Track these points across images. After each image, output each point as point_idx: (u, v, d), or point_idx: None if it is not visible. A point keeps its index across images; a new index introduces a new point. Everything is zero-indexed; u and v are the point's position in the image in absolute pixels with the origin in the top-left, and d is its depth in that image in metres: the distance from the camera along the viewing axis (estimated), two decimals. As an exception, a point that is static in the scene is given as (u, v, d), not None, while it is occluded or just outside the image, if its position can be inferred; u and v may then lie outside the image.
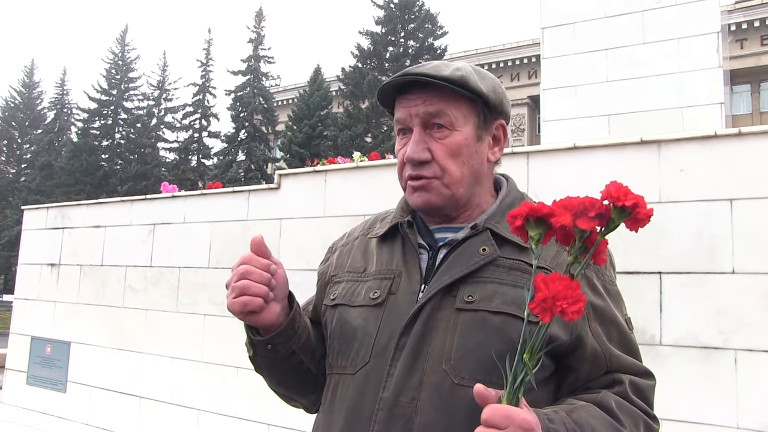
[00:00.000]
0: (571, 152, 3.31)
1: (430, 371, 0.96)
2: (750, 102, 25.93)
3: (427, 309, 1.00)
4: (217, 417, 4.44)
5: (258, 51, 33.74)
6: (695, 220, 2.91)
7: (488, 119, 1.10)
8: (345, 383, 1.05)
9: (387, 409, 0.97)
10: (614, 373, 1.01)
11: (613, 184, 0.75)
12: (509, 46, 30.77)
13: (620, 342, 1.04)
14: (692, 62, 4.80)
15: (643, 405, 1.00)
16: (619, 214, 0.74)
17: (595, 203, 0.74)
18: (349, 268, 1.17)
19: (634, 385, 1.00)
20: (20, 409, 5.80)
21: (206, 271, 4.72)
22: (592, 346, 1.00)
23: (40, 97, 41.79)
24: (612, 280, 1.10)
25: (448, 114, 1.05)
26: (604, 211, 0.74)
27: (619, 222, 0.74)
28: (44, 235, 6.04)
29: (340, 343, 1.09)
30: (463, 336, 0.97)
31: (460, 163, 1.06)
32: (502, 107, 1.10)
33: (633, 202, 0.72)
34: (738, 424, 2.68)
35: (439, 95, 1.05)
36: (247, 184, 24.81)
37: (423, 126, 1.06)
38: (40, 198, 31.33)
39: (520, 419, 0.78)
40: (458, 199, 1.08)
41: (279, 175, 4.49)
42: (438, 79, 1.03)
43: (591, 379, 1.01)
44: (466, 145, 1.06)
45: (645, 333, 2.92)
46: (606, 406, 0.95)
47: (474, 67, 1.11)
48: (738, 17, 24.18)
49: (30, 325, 5.98)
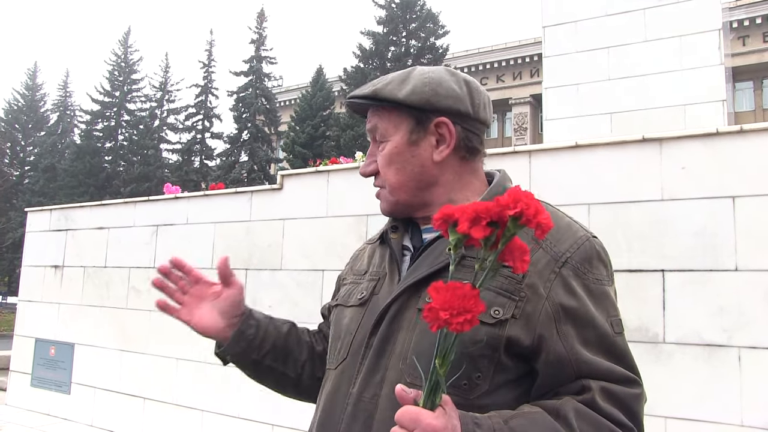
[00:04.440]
0: (574, 150, 3.31)
1: (390, 369, 1.00)
2: (753, 99, 25.87)
3: (393, 309, 1.04)
4: (221, 417, 4.44)
5: (260, 52, 33.74)
6: (698, 218, 2.90)
7: (422, 121, 1.08)
8: (328, 378, 1.12)
9: (353, 404, 1.02)
10: (584, 379, 0.94)
11: (511, 190, 0.71)
12: (511, 45, 30.76)
13: (599, 345, 0.96)
14: (694, 60, 4.80)
15: (616, 413, 0.91)
16: (513, 222, 0.70)
17: (491, 209, 0.70)
18: (354, 271, 1.23)
19: (606, 391, 0.92)
20: (25, 410, 5.82)
21: (210, 272, 4.69)
22: (555, 350, 0.94)
23: (43, 100, 41.85)
24: (599, 279, 1.02)
25: (379, 127, 1.12)
26: (498, 219, 0.70)
27: (514, 230, 0.71)
28: (48, 237, 6.06)
29: (333, 341, 1.16)
30: (420, 335, 0.99)
31: (394, 170, 1.11)
32: (432, 106, 1.07)
33: (517, 211, 0.69)
34: (742, 421, 2.68)
35: (374, 111, 1.13)
36: (250, 185, 24.86)
37: (373, 141, 1.16)
38: (43, 200, 31.42)
39: (425, 423, 0.76)
40: (403, 203, 1.12)
41: (282, 176, 4.50)
42: (356, 98, 1.13)
43: (559, 385, 0.95)
44: (397, 152, 1.10)
45: (648, 331, 2.92)
46: (562, 414, 0.89)
47: (406, 72, 1.11)
48: (740, 14, 24.13)
49: (34, 327, 5.99)
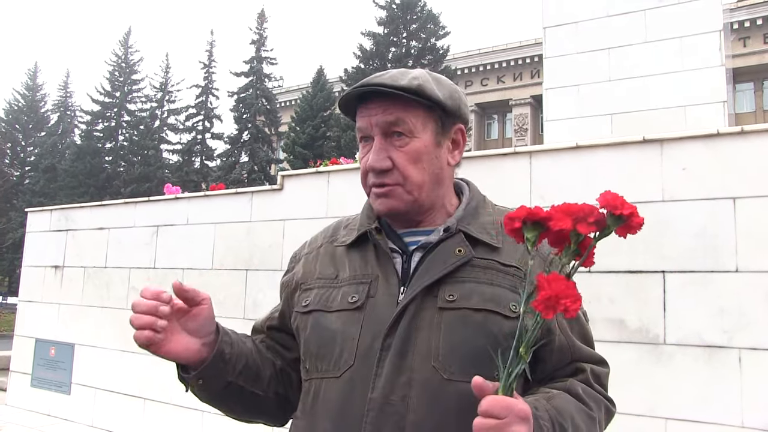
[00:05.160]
0: (574, 151, 3.31)
1: (417, 369, 0.99)
2: (753, 100, 25.86)
3: (411, 309, 1.03)
4: (221, 418, 4.43)
5: (260, 52, 33.75)
6: (698, 219, 2.90)
7: (446, 125, 1.13)
8: (328, 387, 1.06)
9: (378, 409, 0.99)
10: (577, 363, 1.10)
11: (609, 193, 0.79)
12: (512, 46, 30.76)
13: (580, 333, 1.12)
14: (694, 61, 4.80)
15: (602, 390, 1.11)
16: (615, 221, 0.80)
17: (593, 210, 0.79)
18: (319, 275, 1.18)
19: (594, 373, 1.10)
20: (25, 411, 5.82)
21: (210, 272, 4.73)
22: (560, 339, 1.08)
23: (43, 100, 41.88)
24: None
25: (406, 122, 1.08)
26: (601, 218, 0.80)
27: (613, 228, 0.80)
28: (48, 237, 6.06)
29: (317, 347, 1.10)
30: (448, 333, 1.01)
31: (420, 169, 1.09)
32: (459, 112, 1.14)
33: (629, 211, 0.78)
34: (743, 422, 2.68)
35: (398, 104, 1.08)
36: (251, 186, 24.83)
37: (383, 135, 1.09)
38: (43, 200, 31.42)
39: (518, 409, 0.83)
40: (421, 203, 1.11)
41: (282, 177, 4.50)
42: (395, 88, 1.06)
43: (557, 369, 1.09)
44: (426, 152, 1.09)
45: (649, 332, 2.92)
46: (574, 392, 1.04)
47: (432, 74, 1.14)
48: (741, 15, 24.13)
49: (34, 327, 6.00)
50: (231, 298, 4.54)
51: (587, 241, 0.81)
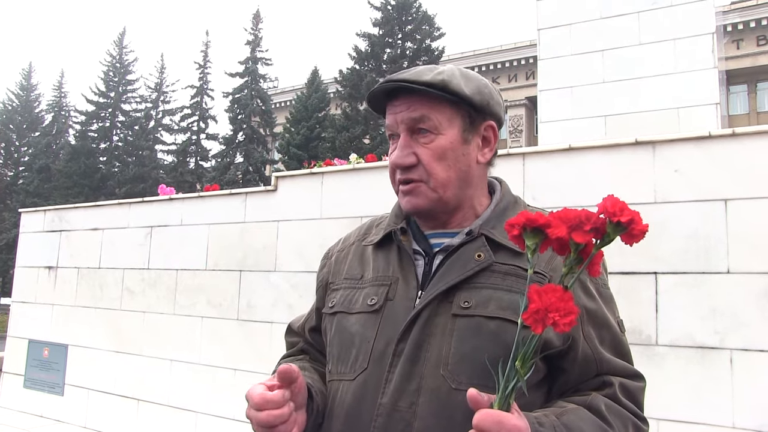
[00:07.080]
0: (567, 153, 3.32)
1: (427, 376, 0.97)
2: (747, 102, 25.96)
3: (424, 315, 1.01)
4: (215, 419, 4.44)
5: (255, 53, 33.70)
6: (690, 221, 2.92)
7: (475, 121, 1.09)
8: (344, 389, 1.05)
9: (386, 415, 0.97)
10: (604, 376, 1.02)
11: (610, 199, 0.75)
12: (506, 48, 30.78)
13: (611, 345, 1.05)
14: (688, 63, 4.82)
15: (633, 407, 1.01)
16: (615, 228, 0.75)
17: (591, 217, 0.75)
18: (346, 275, 1.17)
19: (623, 387, 1.01)
20: (17, 412, 5.79)
21: (204, 273, 4.72)
22: (583, 349, 1.01)
23: (37, 100, 41.67)
24: (605, 283, 1.10)
25: (431, 118, 1.05)
26: (600, 225, 0.75)
27: (614, 236, 0.76)
28: (42, 237, 6.03)
29: (339, 349, 1.09)
30: (459, 341, 0.98)
31: (445, 166, 1.06)
32: (489, 108, 1.10)
33: (629, 218, 0.74)
34: (734, 423, 2.69)
35: (423, 100, 1.05)
36: (245, 187, 24.81)
37: (409, 131, 1.07)
38: (37, 200, 31.30)
39: (510, 425, 0.78)
40: (446, 201, 1.07)
41: (276, 177, 4.50)
42: (419, 84, 1.04)
43: (581, 382, 1.02)
44: (452, 149, 1.06)
45: (641, 333, 2.93)
46: (596, 408, 0.96)
47: (461, 69, 1.11)
48: (734, 18, 24.23)
49: (27, 328, 5.97)
50: (225, 299, 4.54)
51: (589, 249, 0.77)
